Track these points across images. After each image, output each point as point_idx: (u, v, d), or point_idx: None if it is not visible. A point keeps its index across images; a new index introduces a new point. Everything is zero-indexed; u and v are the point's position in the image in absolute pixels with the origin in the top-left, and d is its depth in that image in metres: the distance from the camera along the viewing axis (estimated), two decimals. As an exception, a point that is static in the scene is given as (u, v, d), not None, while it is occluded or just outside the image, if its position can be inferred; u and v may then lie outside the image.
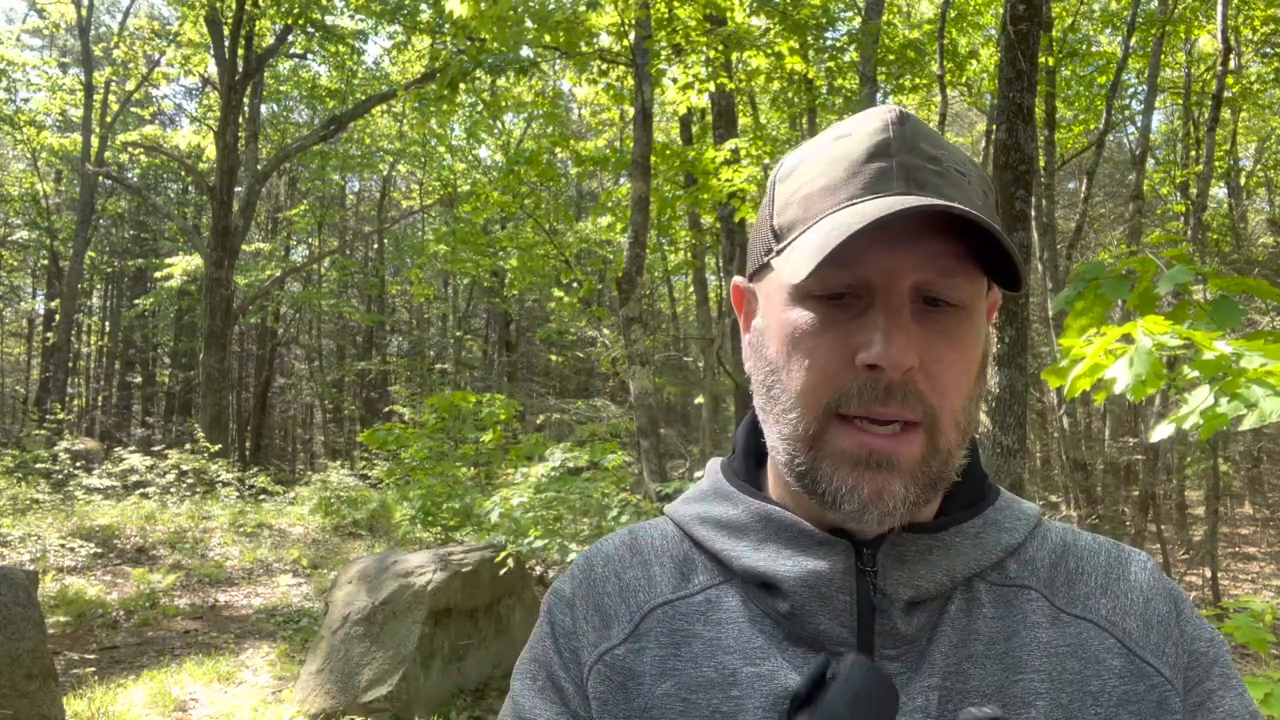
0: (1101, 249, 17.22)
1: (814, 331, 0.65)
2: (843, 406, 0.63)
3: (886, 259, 0.63)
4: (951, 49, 10.75)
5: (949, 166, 0.67)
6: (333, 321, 25.43)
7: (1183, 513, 15.24)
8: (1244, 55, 13.76)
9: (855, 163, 0.66)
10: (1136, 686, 0.66)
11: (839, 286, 0.64)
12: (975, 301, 0.66)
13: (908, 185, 0.63)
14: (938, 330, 0.64)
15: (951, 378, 0.64)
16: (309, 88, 18.95)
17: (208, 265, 14.89)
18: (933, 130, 0.69)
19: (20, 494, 9.92)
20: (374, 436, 9.07)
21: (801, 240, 0.64)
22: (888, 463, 0.63)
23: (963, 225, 0.63)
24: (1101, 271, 2.09)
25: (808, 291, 0.65)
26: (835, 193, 0.65)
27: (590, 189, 22.74)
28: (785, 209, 0.69)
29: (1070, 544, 0.74)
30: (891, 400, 0.62)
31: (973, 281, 0.65)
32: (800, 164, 0.70)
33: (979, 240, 0.63)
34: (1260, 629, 2.61)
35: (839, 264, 0.62)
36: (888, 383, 0.62)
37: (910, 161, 0.65)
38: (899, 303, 0.62)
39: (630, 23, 7.80)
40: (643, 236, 7.73)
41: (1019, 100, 4.34)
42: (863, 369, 0.62)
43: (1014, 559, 0.71)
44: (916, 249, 0.63)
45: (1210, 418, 1.64)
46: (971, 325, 0.66)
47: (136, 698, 5.08)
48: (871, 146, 0.66)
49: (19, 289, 27.07)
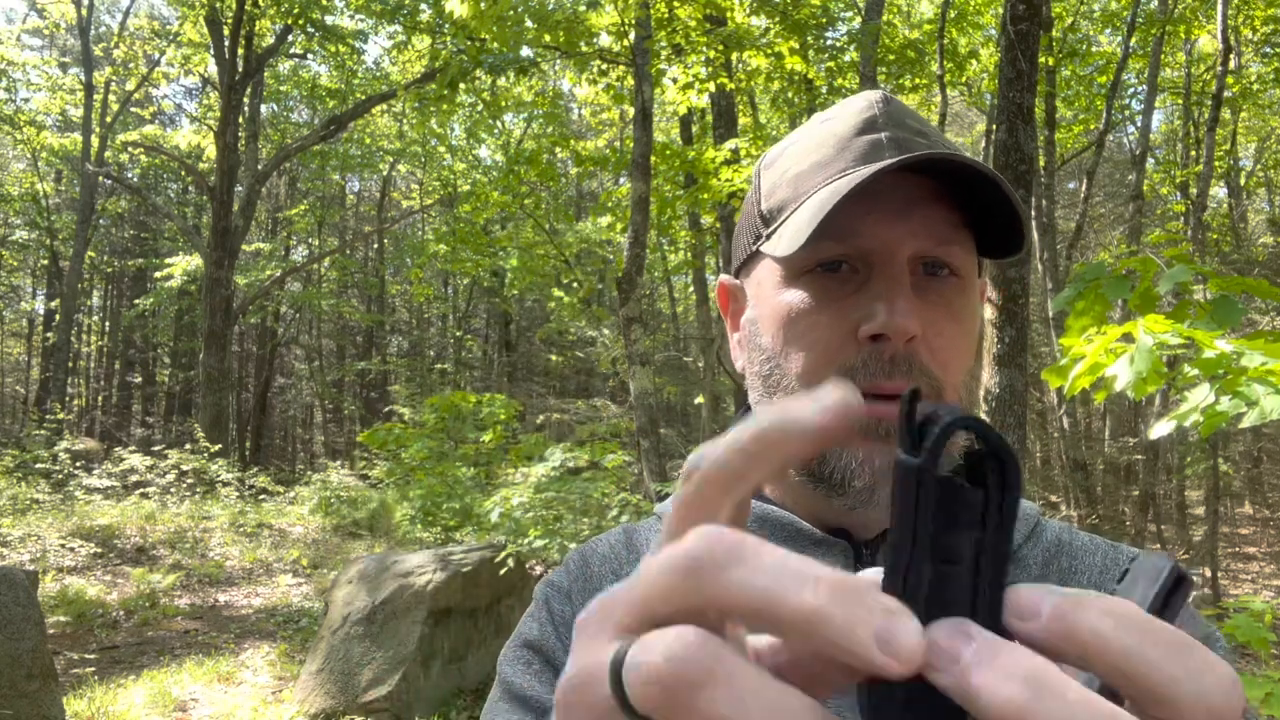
0: (1101, 249, 17.22)
1: (811, 309, 0.64)
2: None
3: (884, 228, 0.62)
4: (951, 49, 10.75)
5: (936, 140, 0.66)
6: (333, 321, 25.42)
7: (1183, 513, 15.23)
8: (1244, 55, 13.76)
9: (844, 139, 0.65)
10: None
11: (835, 255, 0.63)
12: (971, 273, 0.66)
13: (900, 154, 0.62)
14: (937, 302, 0.63)
15: (952, 350, 0.64)
16: (309, 88, 18.94)
17: (208, 265, 14.89)
18: (916, 112, 0.69)
19: (20, 494, 9.92)
20: (374, 436, 9.07)
21: (795, 216, 0.64)
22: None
23: (957, 194, 0.62)
24: (1102, 272, 2.09)
25: (803, 267, 0.64)
26: (826, 168, 0.65)
27: (590, 189, 22.74)
28: (773, 192, 0.68)
29: (1066, 543, 0.73)
30: (896, 372, 0.61)
31: (969, 252, 0.65)
32: (786, 150, 0.70)
33: (974, 210, 0.63)
34: (1260, 629, 2.61)
35: (835, 236, 0.61)
36: (892, 354, 0.61)
37: (899, 134, 0.65)
38: (899, 271, 0.62)
39: (630, 23, 7.80)
40: (643, 236, 7.73)
41: (1019, 100, 4.34)
42: (865, 341, 0.61)
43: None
44: (914, 217, 0.62)
45: (1210, 415, 1.64)
46: (968, 298, 0.66)
47: (136, 698, 5.08)
48: (859, 123, 0.66)
49: (19, 289, 27.07)
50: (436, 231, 18.45)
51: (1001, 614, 0.24)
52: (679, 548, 0.24)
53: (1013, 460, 0.24)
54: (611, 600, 0.26)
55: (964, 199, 0.62)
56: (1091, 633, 0.22)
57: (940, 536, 0.24)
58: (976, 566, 0.24)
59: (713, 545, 0.24)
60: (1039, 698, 0.21)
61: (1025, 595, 0.24)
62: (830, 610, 0.22)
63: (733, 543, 0.24)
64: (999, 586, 0.24)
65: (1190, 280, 1.90)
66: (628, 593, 0.25)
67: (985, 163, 7.84)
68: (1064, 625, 0.23)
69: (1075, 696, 0.21)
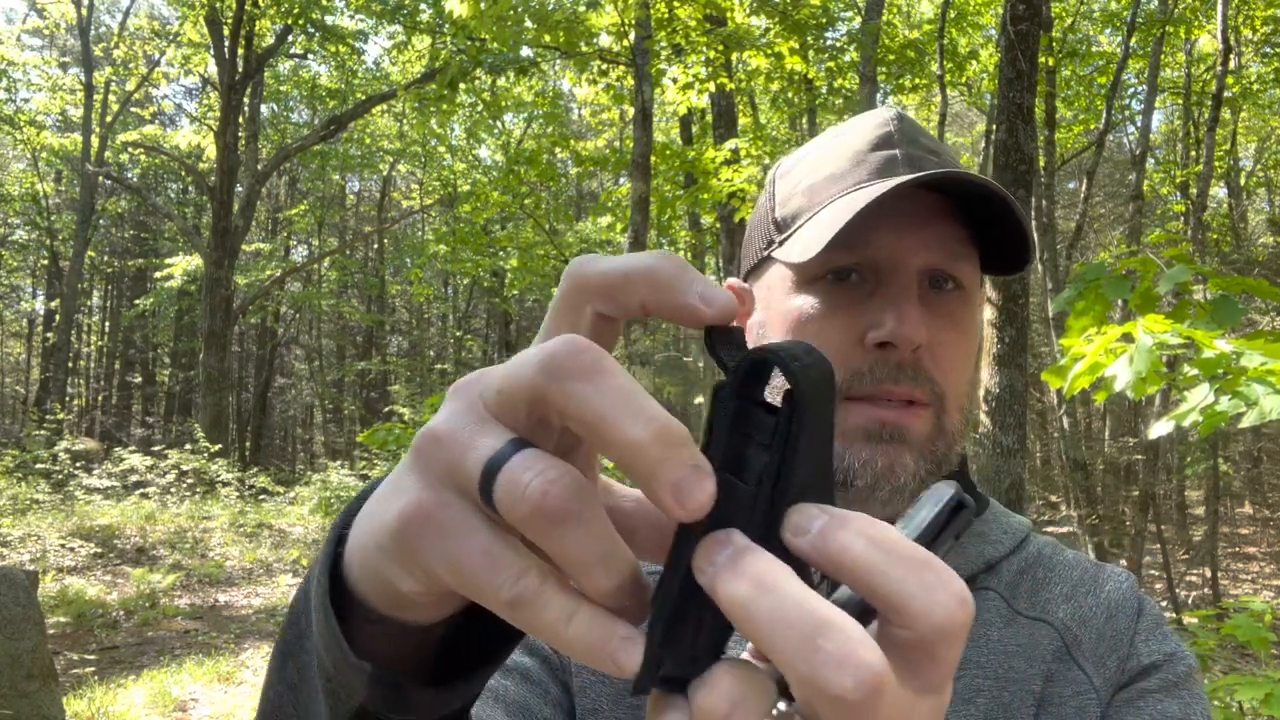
0: (1101, 249, 17.22)
1: (821, 315, 0.66)
2: (854, 388, 0.64)
3: (895, 241, 0.64)
4: (951, 49, 10.74)
5: (948, 159, 0.69)
6: (333, 321, 25.42)
7: (1183, 513, 15.23)
8: (1244, 55, 13.76)
9: (860, 153, 0.68)
10: (1062, 690, 0.66)
11: (846, 264, 0.65)
12: (975, 287, 0.68)
13: (914, 172, 0.65)
14: (943, 313, 0.66)
15: (955, 359, 0.66)
16: (309, 88, 18.95)
17: (208, 265, 14.89)
18: (928, 130, 0.72)
19: (20, 494, 9.92)
20: (374, 436, 9.05)
21: (809, 224, 0.66)
22: (900, 435, 0.64)
23: (966, 211, 0.65)
24: (1102, 273, 2.09)
25: (814, 275, 0.66)
26: (842, 179, 0.67)
27: (590, 189, 22.74)
28: (788, 200, 0.70)
29: (1047, 557, 0.74)
30: (902, 378, 0.63)
31: (974, 267, 0.67)
32: (801, 160, 0.72)
33: (980, 227, 0.65)
34: (1260, 629, 2.61)
35: (848, 246, 0.63)
36: (898, 361, 0.63)
37: (913, 152, 0.67)
38: (908, 283, 0.64)
39: (630, 23, 7.79)
40: (643, 236, 7.73)
41: (1019, 100, 4.34)
42: (872, 348, 0.64)
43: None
44: (925, 232, 0.64)
45: (1210, 415, 1.64)
46: (972, 311, 0.68)
47: (136, 698, 5.08)
48: (875, 139, 0.68)
49: (19, 289, 27.07)
50: (436, 231, 18.45)
51: (780, 529, 0.26)
52: (545, 347, 0.27)
53: (807, 389, 0.26)
54: (487, 376, 0.29)
55: (972, 216, 0.65)
56: (842, 549, 0.25)
57: (731, 450, 0.27)
58: (759, 482, 0.26)
59: (571, 355, 0.26)
60: (759, 594, 0.24)
61: (800, 514, 0.26)
62: (649, 450, 0.25)
63: (590, 359, 0.26)
64: (780, 504, 0.26)
65: (1190, 280, 1.90)
66: (499, 376, 0.28)
67: (985, 164, 7.89)
68: (823, 542, 0.25)
69: (791, 594, 0.24)
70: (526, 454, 0.26)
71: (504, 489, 0.25)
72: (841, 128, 0.73)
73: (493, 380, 0.28)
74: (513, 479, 0.25)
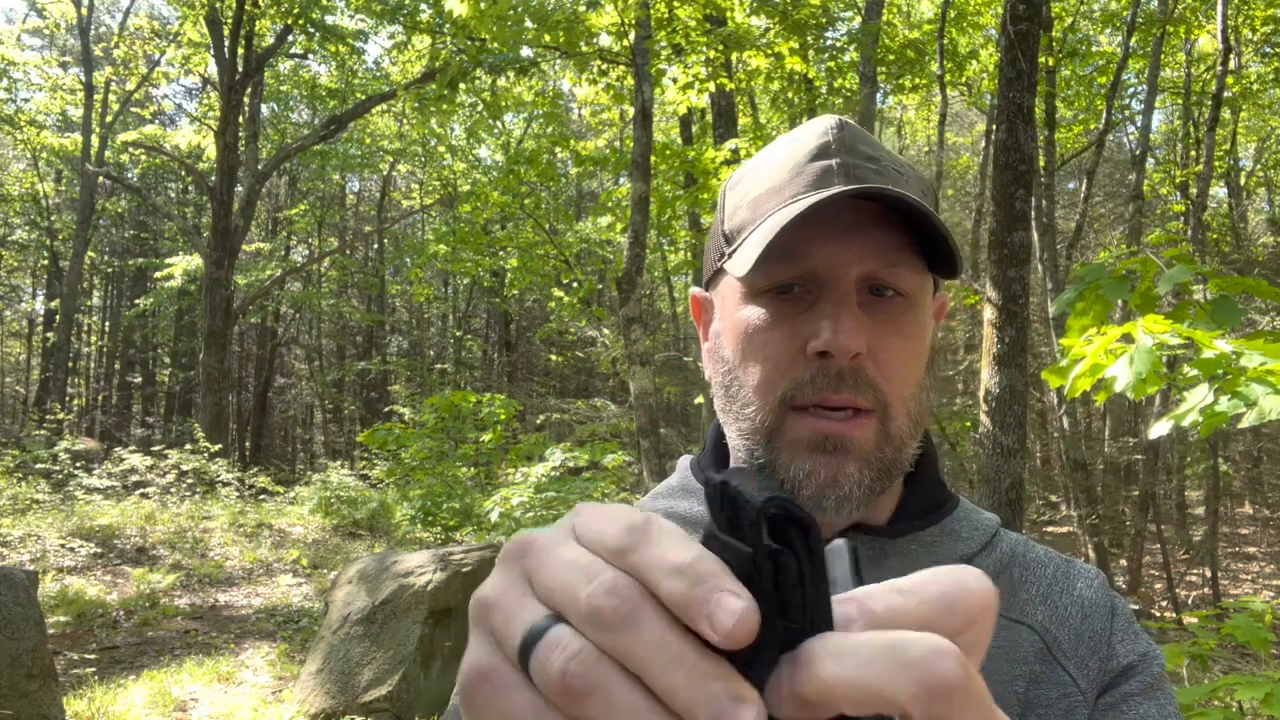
0: (1101, 249, 17.22)
1: (766, 326, 0.68)
2: (797, 397, 0.66)
3: (832, 250, 0.65)
4: (951, 49, 10.75)
5: (887, 165, 0.70)
6: (333, 321, 25.42)
7: (1183, 513, 15.25)
8: (1244, 55, 13.76)
9: (798, 164, 0.69)
10: (1049, 692, 0.67)
11: (788, 278, 0.67)
12: (919, 293, 0.69)
13: (848, 181, 0.66)
14: (884, 319, 0.67)
15: (899, 364, 0.67)
16: (309, 88, 18.95)
17: (208, 265, 14.89)
18: (871, 136, 0.73)
19: (20, 494, 9.92)
20: (374, 436, 9.08)
21: (750, 238, 0.67)
22: (842, 446, 0.65)
23: (904, 218, 0.66)
24: (1102, 273, 2.09)
25: (758, 288, 0.68)
26: (780, 192, 0.68)
27: (590, 189, 22.74)
28: (735, 213, 0.72)
29: (1020, 555, 0.75)
30: (843, 387, 0.65)
31: (917, 273, 0.68)
32: (748, 173, 0.74)
33: (919, 233, 0.66)
34: (1260, 629, 2.61)
35: (786, 258, 0.65)
36: (838, 369, 0.64)
37: (849, 160, 0.68)
38: (845, 292, 0.65)
39: (630, 23, 7.79)
40: (643, 236, 7.73)
41: (1019, 100, 4.34)
42: (814, 358, 0.65)
43: None
44: (860, 240, 0.65)
45: (1210, 415, 1.64)
46: (916, 315, 0.69)
47: (136, 698, 5.08)
48: (813, 149, 0.69)
49: (19, 289, 27.07)
50: (436, 231, 18.43)
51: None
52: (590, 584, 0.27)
53: (814, 525, 0.27)
54: (535, 550, 0.29)
55: (910, 220, 0.66)
56: (821, 688, 0.25)
57: (781, 601, 0.27)
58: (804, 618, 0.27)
59: (611, 605, 0.27)
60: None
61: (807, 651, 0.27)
62: (686, 692, 0.25)
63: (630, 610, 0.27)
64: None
65: (1190, 280, 1.90)
66: (554, 563, 0.28)
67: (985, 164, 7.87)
68: (810, 689, 0.26)
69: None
70: (555, 632, 0.27)
71: (535, 666, 0.27)
72: (789, 136, 0.74)
73: (546, 567, 0.29)
74: (543, 658, 0.27)
